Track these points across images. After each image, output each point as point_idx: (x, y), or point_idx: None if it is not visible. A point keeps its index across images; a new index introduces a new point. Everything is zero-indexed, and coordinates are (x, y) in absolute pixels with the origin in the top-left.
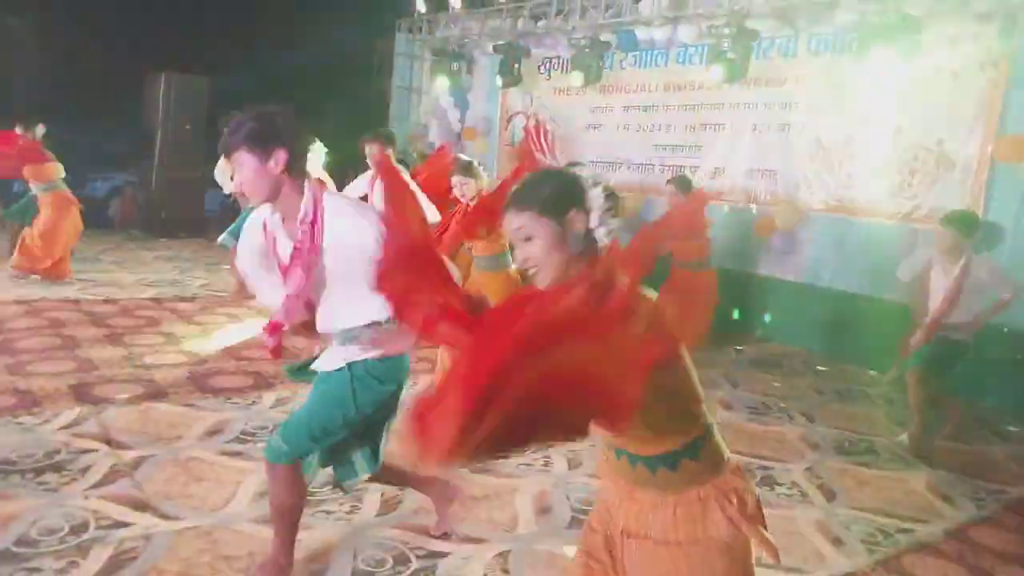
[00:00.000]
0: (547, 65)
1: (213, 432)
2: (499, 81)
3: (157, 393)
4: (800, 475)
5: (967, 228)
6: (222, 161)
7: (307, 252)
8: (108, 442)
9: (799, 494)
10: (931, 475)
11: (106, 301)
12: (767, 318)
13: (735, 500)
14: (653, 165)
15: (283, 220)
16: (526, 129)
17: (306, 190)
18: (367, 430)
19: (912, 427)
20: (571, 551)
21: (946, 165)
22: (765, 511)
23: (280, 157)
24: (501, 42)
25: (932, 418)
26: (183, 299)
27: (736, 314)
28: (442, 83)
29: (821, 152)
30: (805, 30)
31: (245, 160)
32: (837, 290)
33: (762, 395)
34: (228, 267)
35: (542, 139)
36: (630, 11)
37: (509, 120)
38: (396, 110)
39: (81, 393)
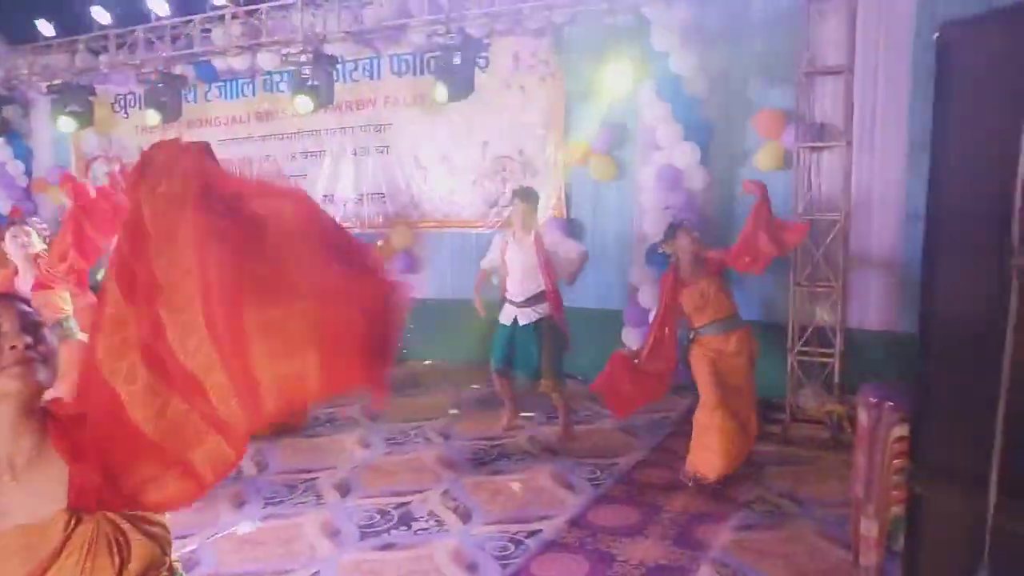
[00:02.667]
0: (122, 103)
1: None
2: (61, 124)
3: None
4: (437, 502)
5: (535, 199)
6: None
7: None
8: None
9: (436, 524)
10: (554, 464)
11: None
12: (404, 337)
13: None
14: None
15: None
16: (111, 175)
17: None
18: None
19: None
20: None
21: (531, 171)
22: (405, 554)
23: None
24: (57, 81)
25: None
26: None
27: None
28: None
29: (420, 170)
30: (386, 52)
31: None
32: (459, 299)
33: (401, 422)
34: None
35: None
36: (202, 41)
37: (88, 166)
38: None
39: None
